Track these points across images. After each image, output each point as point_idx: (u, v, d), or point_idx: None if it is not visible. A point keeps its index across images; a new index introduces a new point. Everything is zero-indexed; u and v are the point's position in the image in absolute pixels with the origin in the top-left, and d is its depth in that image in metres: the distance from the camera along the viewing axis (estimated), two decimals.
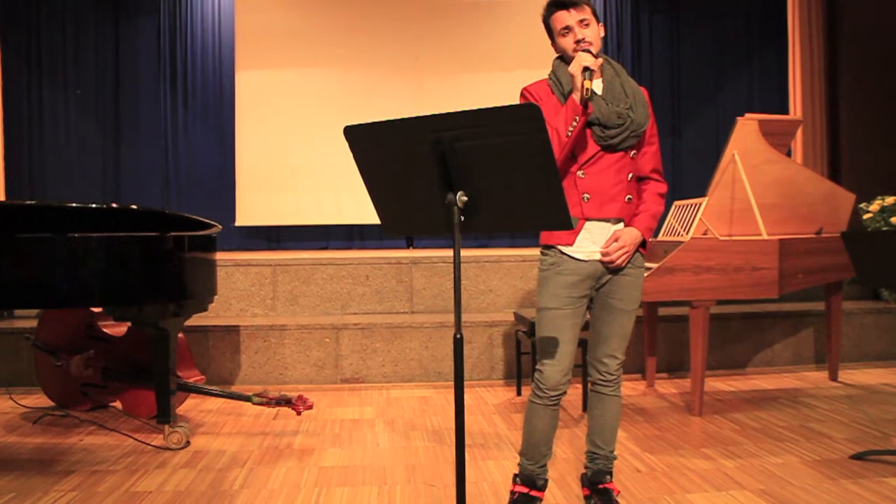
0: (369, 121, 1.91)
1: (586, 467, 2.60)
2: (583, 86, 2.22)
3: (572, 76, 2.27)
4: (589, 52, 2.29)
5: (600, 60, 2.33)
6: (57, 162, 7.68)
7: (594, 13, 2.39)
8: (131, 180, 7.87)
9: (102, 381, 3.88)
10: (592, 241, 2.39)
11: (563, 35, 2.38)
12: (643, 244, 2.44)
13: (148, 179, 7.86)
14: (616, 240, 2.38)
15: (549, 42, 2.47)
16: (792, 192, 4.36)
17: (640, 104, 2.41)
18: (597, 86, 2.36)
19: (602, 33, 2.40)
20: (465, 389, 4.42)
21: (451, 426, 3.68)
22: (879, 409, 3.94)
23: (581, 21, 2.35)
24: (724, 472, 3.00)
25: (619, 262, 2.38)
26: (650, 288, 3.67)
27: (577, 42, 2.34)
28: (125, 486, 2.90)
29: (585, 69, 2.23)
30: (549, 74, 2.47)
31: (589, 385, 2.62)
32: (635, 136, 2.39)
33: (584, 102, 2.25)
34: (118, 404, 4.03)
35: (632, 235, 2.39)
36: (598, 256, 2.39)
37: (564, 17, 2.36)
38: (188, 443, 3.45)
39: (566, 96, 2.37)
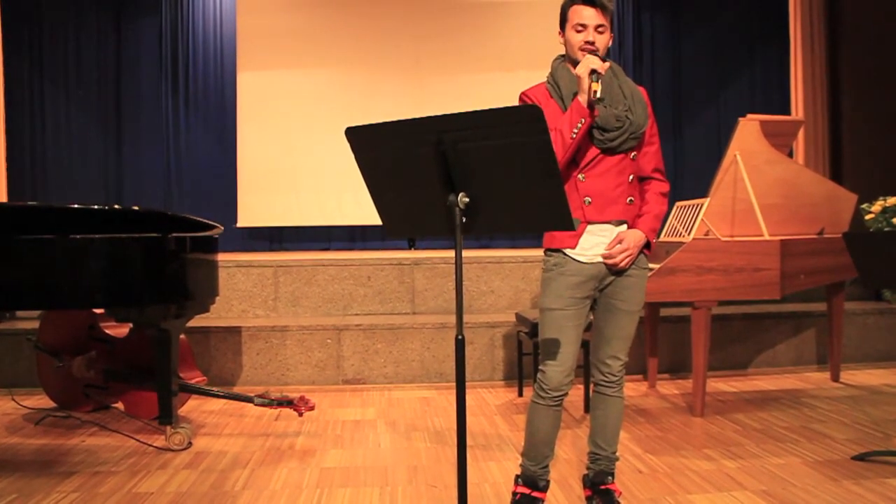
0: (371, 122, 1.91)
1: (588, 468, 2.60)
2: (590, 88, 2.22)
3: (579, 78, 2.26)
4: (596, 54, 2.28)
5: (608, 64, 2.32)
6: (59, 163, 7.69)
7: (611, 24, 2.38)
8: (133, 181, 7.88)
9: (104, 382, 3.88)
10: (595, 243, 2.38)
11: (576, 30, 2.35)
12: (647, 245, 2.44)
13: (149, 180, 7.86)
14: (620, 242, 2.37)
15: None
16: (794, 192, 4.36)
17: (638, 105, 2.40)
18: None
19: (610, 43, 2.39)
20: (467, 390, 4.42)
21: (452, 427, 3.67)
22: (881, 410, 3.94)
23: (598, 26, 2.33)
24: (725, 472, 2.99)
25: (622, 264, 2.38)
26: (652, 289, 3.67)
27: (586, 43, 2.33)
28: (127, 487, 2.91)
29: (593, 72, 2.23)
30: (548, 78, 2.47)
31: (591, 386, 2.62)
32: (634, 137, 2.38)
33: (591, 105, 2.24)
34: (120, 405, 4.03)
35: (636, 237, 2.39)
36: (601, 259, 2.39)
37: (585, 14, 2.33)
38: (190, 444, 3.45)
39: (564, 100, 2.36)
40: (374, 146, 1.94)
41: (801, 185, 4.38)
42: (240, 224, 7.91)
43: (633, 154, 2.41)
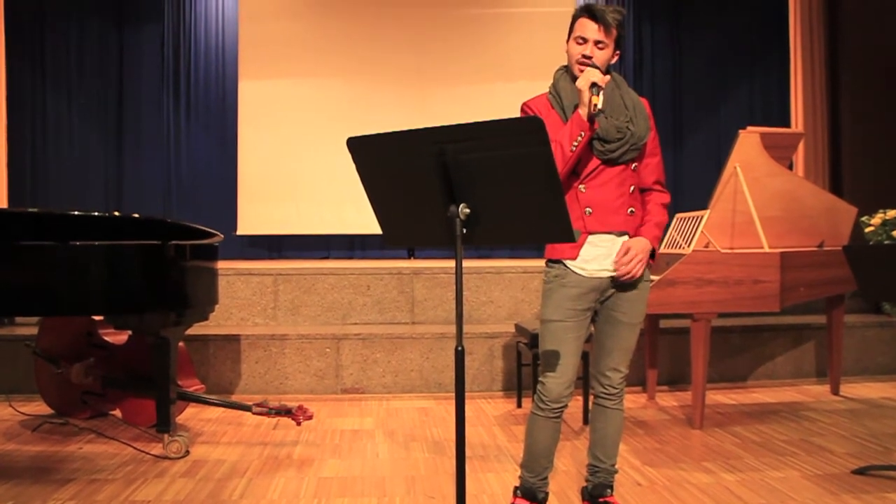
0: (372, 132, 1.92)
1: (587, 480, 2.59)
2: (590, 101, 2.22)
3: (579, 91, 2.27)
4: (596, 66, 2.29)
5: (608, 77, 2.33)
6: (60, 170, 7.68)
7: (616, 42, 2.35)
8: (133, 188, 7.87)
9: (102, 389, 3.87)
10: (596, 254, 2.38)
11: (577, 42, 2.36)
12: (651, 254, 2.43)
13: (150, 188, 7.86)
14: (626, 251, 2.37)
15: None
16: (793, 205, 4.36)
17: (640, 117, 2.41)
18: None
19: (614, 60, 2.39)
20: (466, 401, 4.41)
21: (451, 437, 3.66)
22: (881, 424, 3.93)
23: (598, 43, 2.33)
24: (724, 485, 2.98)
25: (635, 272, 2.37)
26: (652, 300, 3.64)
27: (583, 57, 2.34)
28: (124, 494, 2.90)
29: (593, 84, 2.23)
30: (550, 88, 2.47)
31: (591, 398, 2.61)
32: (635, 149, 2.39)
33: (591, 118, 2.25)
34: (118, 413, 4.02)
35: (642, 244, 2.39)
36: (601, 273, 2.38)
37: (587, 28, 2.33)
38: (187, 452, 3.44)
39: (566, 111, 2.37)
40: (375, 156, 1.95)
41: (801, 197, 4.39)
42: (240, 232, 7.91)
43: (633, 165, 2.42)
